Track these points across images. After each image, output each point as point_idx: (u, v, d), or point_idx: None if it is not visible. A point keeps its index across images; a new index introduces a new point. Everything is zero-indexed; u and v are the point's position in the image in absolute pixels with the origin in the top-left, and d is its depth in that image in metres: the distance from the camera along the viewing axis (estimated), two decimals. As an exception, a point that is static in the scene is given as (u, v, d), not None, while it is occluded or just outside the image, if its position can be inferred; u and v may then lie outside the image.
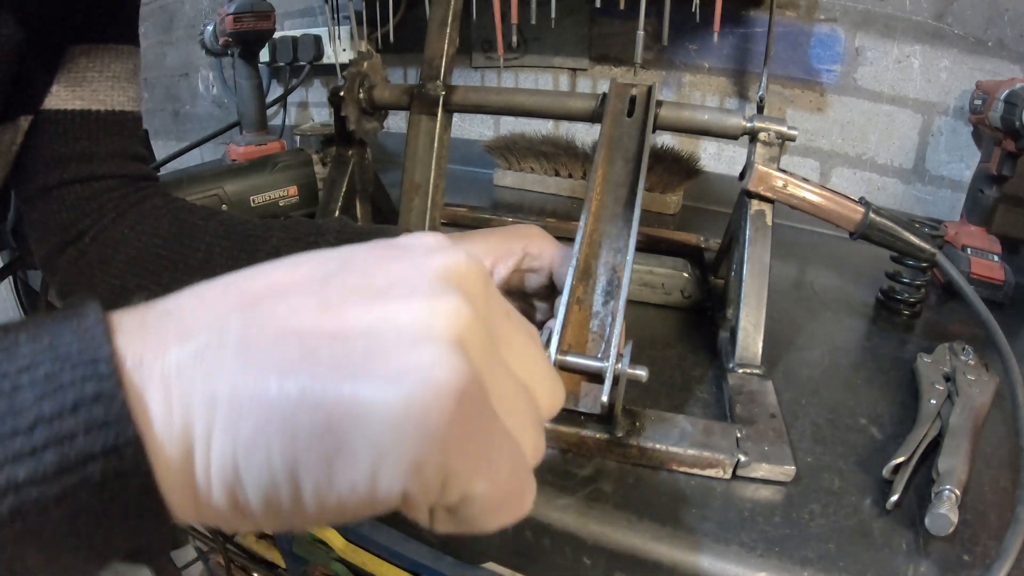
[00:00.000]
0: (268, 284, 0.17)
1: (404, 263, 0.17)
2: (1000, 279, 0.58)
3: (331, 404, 0.14)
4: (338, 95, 0.56)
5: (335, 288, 0.16)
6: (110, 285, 0.44)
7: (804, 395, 0.43)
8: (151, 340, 0.15)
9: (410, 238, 0.20)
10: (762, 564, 0.30)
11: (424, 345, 0.15)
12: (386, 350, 0.15)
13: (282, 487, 0.15)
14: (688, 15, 0.67)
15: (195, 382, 0.15)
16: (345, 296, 0.16)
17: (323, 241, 0.44)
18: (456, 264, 0.17)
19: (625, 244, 0.39)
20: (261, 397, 0.14)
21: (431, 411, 0.14)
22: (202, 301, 0.17)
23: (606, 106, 0.47)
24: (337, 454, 0.14)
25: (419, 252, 0.18)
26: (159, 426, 0.15)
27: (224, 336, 0.15)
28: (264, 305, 0.16)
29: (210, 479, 0.15)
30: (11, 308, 1.49)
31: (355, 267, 0.17)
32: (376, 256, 0.18)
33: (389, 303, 0.16)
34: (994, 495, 0.34)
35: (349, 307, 0.16)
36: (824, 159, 0.83)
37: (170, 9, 1.31)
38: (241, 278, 0.17)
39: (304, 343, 0.15)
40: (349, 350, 0.15)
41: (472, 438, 0.15)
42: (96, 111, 0.43)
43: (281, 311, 0.16)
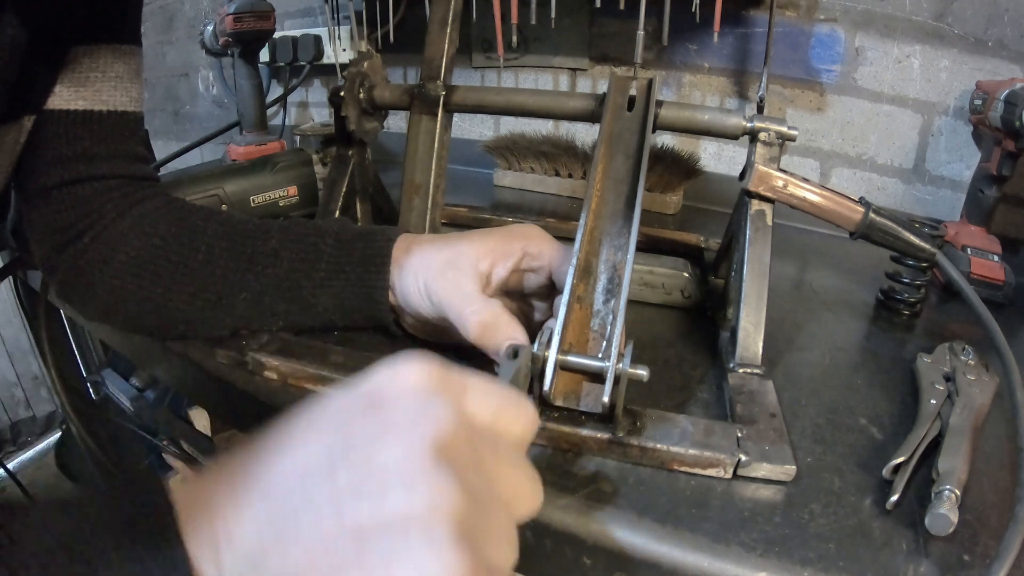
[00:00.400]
0: (287, 483, 0.20)
1: (398, 442, 0.20)
2: (1000, 279, 0.58)
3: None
4: (338, 95, 0.56)
5: (344, 485, 0.19)
6: (110, 285, 0.44)
7: (804, 395, 0.43)
8: (207, 548, 0.20)
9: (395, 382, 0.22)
10: (762, 564, 0.30)
11: (433, 550, 0.18)
12: (401, 557, 0.18)
13: None
14: (688, 15, 0.67)
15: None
16: (355, 496, 0.19)
17: (322, 242, 0.44)
18: (442, 433, 0.20)
19: (626, 242, 0.39)
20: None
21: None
22: (235, 502, 0.20)
23: (606, 100, 0.47)
24: None
25: (409, 417, 0.21)
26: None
27: (265, 554, 0.19)
28: (290, 518, 0.20)
29: None
30: (11, 308, 1.49)
31: (356, 449, 0.20)
32: (371, 431, 0.21)
33: (395, 502, 0.19)
34: (994, 495, 0.34)
35: (362, 511, 0.19)
36: (824, 159, 0.83)
37: (170, 9, 1.31)
38: (259, 469, 0.21)
39: (332, 556, 0.19)
40: (371, 561, 0.18)
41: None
42: (98, 111, 0.43)
43: (306, 523, 0.19)
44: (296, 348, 0.43)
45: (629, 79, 0.48)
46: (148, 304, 0.44)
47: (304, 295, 0.44)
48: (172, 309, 0.44)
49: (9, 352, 1.70)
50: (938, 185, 0.78)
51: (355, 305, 0.44)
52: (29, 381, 1.76)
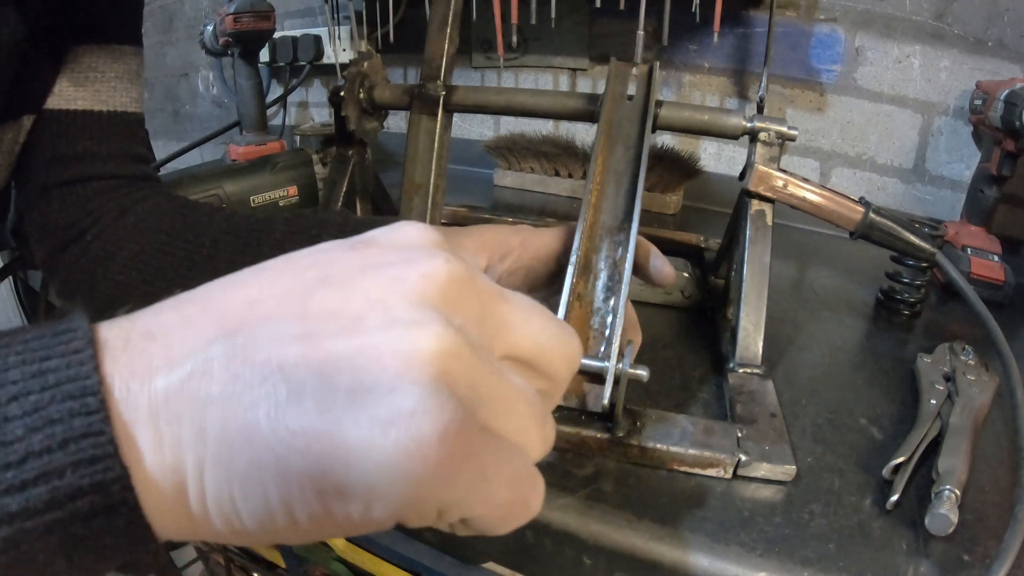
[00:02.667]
0: (248, 301, 0.17)
1: (383, 276, 0.17)
2: (1000, 279, 0.58)
3: (320, 449, 0.15)
4: (338, 95, 0.56)
5: (316, 309, 0.16)
6: (113, 282, 0.44)
7: (804, 395, 0.43)
8: (137, 365, 0.16)
9: (391, 233, 0.19)
10: (762, 564, 0.30)
11: (405, 389, 0.15)
12: (369, 392, 0.15)
13: (278, 516, 0.15)
14: (688, 15, 0.67)
15: (183, 414, 0.15)
16: (325, 322, 0.16)
17: (326, 234, 0.44)
18: (435, 274, 0.17)
19: (626, 237, 0.39)
20: (251, 436, 0.15)
21: (416, 457, 0.15)
22: (184, 321, 0.17)
23: (605, 88, 0.47)
24: (330, 493, 0.15)
25: (399, 257, 0.18)
26: (149, 461, 0.15)
27: (208, 364, 0.15)
28: (246, 331, 0.16)
29: (206, 508, 0.16)
30: (11, 308, 1.48)
31: (335, 280, 0.17)
32: (356, 263, 0.18)
33: (368, 334, 0.16)
34: (994, 495, 0.34)
35: (330, 338, 0.16)
36: (824, 159, 0.83)
37: (170, 9, 1.31)
38: (219, 291, 0.17)
39: (289, 379, 0.15)
40: (334, 390, 0.15)
41: (462, 472, 0.15)
42: (99, 111, 0.43)
43: (263, 337, 0.16)
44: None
45: (629, 66, 0.47)
46: (151, 300, 0.43)
47: None
48: None
49: (9, 352, 1.70)
50: (938, 185, 0.78)
51: None
52: (29, 381, 1.76)
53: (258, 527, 0.16)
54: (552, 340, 0.20)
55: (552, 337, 0.20)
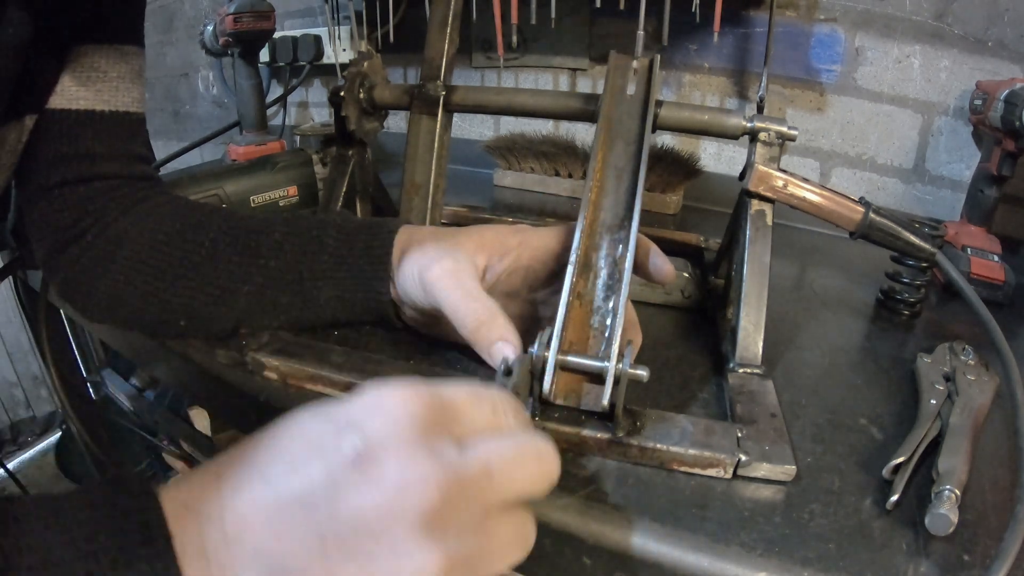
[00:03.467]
0: (281, 559, 0.21)
1: (381, 503, 0.21)
2: (1000, 279, 0.58)
3: None
4: (338, 95, 0.56)
5: (333, 553, 0.21)
6: (112, 281, 0.44)
7: (804, 395, 0.43)
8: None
9: (376, 421, 0.23)
10: (762, 564, 0.30)
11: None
12: None
13: None
14: (688, 15, 0.67)
15: None
16: (344, 566, 0.21)
17: (325, 235, 0.44)
18: (429, 503, 0.21)
19: (627, 235, 0.39)
20: None
21: None
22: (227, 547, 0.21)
23: (605, 84, 0.46)
24: None
25: (395, 487, 0.21)
26: None
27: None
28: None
29: None
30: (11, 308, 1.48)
31: (344, 512, 0.21)
32: (358, 495, 0.21)
33: (382, 567, 0.21)
34: (994, 495, 0.34)
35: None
36: (824, 159, 0.83)
37: (170, 9, 1.31)
38: (256, 530, 0.22)
39: None
40: None
41: None
42: (100, 111, 0.43)
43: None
44: (296, 348, 0.43)
45: (629, 59, 0.47)
46: (151, 299, 0.44)
47: (307, 287, 0.44)
48: (175, 304, 0.44)
49: (9, 352, 1.70)
50: (938, 185, 0.78)
51: (357, 297, 0.44)
52: (29, 381, 1.76)
53: None
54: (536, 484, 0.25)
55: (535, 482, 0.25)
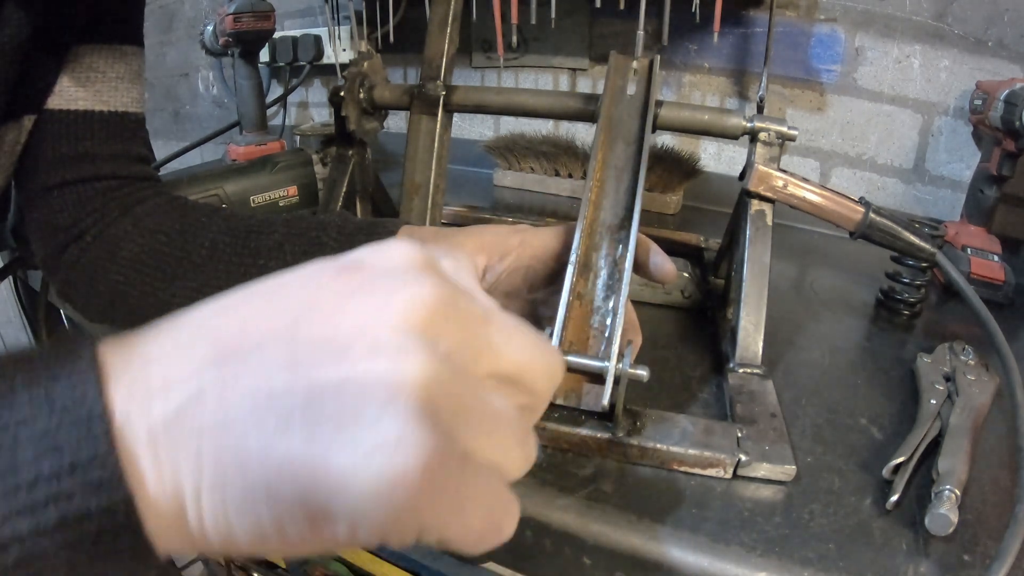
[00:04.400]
0: (239, 326, 0.18)
1: (369, 303, 0.18)
2: (1000, 279, 0.58)
3: (308, 476, 0.16)
4: (338, 95, 0.56)
5: (303, 338, 0.17)
6: (112, 282, 0.44)
7: (804, 395, 0.43)
8: (137, 390, 0.16)
9: (380, 253, 0.20)
10: (762, 564, 0.30)
11: (389, 418, 0.16)
12: (354, 420, 0.16)
13: (271, 537, 0.17)
14: (688, 15, 0.67)
15: (180, 442, 0.16)
16: (312, 352, 0.17)
17: (325, 235, 0.44)
18: (420, 300, 0.18)
19: (627, 235, 0.39)
20: (244, 464, 0.16)
21: (398, 486, 0.15)
22: (179, 346, 0.18)
23: (605, 83, 0.46)
24: (318, 516, 0.16)
25: (386, 283, 0.18)
26: (151, 485, 0.16)
27: (203, 393, 0.16)
28: (237, 358, 0.17)
29: (204, 529, 0.16)
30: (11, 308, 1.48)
31: (324, 307, 0.18)
32: (343, 291, 0.18)
33: (355, 363, 0.16)
34: (994, 495, 0.34)
35: (317, 367, 0.16)
36: (824, 159, 0.83)
37: (170, 9, 1.31)
38: (212, 315, 0.18)
39: (277, 409, 0.16)
40: (320, 419, 0.16)
41: (440, 498, 0.16)
42: (100, 112, 0.43)
43: (253, 365, 0.17)
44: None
45: (629, 59, 0.47)
46: (150, 300, 0.44)
47: None
48: (174, 304, 0.43)
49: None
50: (938, 185, 0.78)
51: None
52: (29, 381, 1.76)
53: (253, 546, 0.17)
54: (535, 358, 0.20)
55: (535, 355, 0.20)
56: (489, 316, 0.20)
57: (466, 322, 0.19)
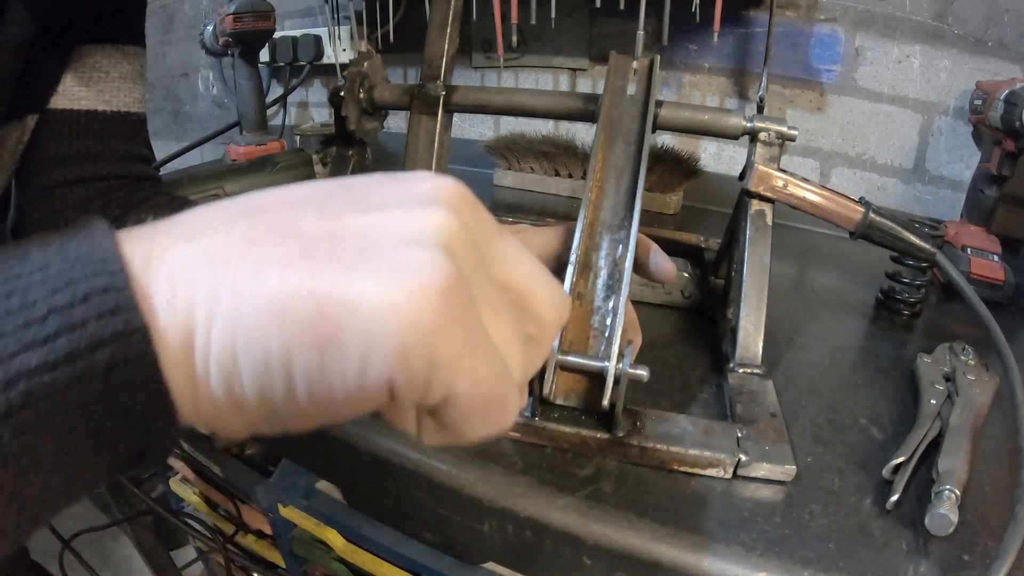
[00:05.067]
0: (274, 198, 0.18)
1: (398, 185, 0.18)
2: (1000, 279, 0.58)
3: (326, 295, 0.15)
4: (338, 95, 0.56)
5: (334, 201, 0.18)
6: None
7: (804, 395, 0.43)
8: (159, 242, 0.16)
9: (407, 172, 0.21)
10: (762, 564, 0.30)
11: (414, 246, 0.16)
12: (379, 249, 0.16)
13: (276, 374, 0.16)
14: (688, 15, 0.67)
15: (199, 275, 0.16)
16: (343, 206, 0.17)
17: None
18: (446, 186, 0.18)
19: (627, 235, 0.39)
20: (261, 287, 0.15)
21: (418, 303, 0.15)
22: (210, 211, 0.18)
23: (605, 83, 0.46)
24: (329, 342, 0.15)
25: (413, 178, 0.19)
26: (163, 314, 0.15)
27: (230, 236, 0.16)
28: (269, 212, 0.17)
29: (209, 366, 0.16)
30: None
31: (353, 187, 0.18)
32: (374, 180, 0.19)
33: (383, 211, 0.17)
34: (994, 495, 0.34)
35: (346, 214, 0.17)
36: (824, 159, 0.83)
37: (170, 9, 1.31)
38: (246, 196, 0.18)
39: (303, 242, 0.16)
40: (345, 248, 0.16)
41: (456, 331, 0.16)
42: (102, 111, 0.43)
43: (285, 216, 0.17)
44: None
45: (629, 59, 0.47)
46: None
47: None
48: None
49: (9, 352, 1.70)
50: (938, 185, 0.78)
51: None
52: (29, 381, 1.76)
53: (256, 392, 0.16)
54: (543, 284, 0.21)
55: (543, 281, 0.21)
56: (506, 232, 0.20)
57: (485, 224, 0.19)
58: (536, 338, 0.21)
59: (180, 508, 0.95)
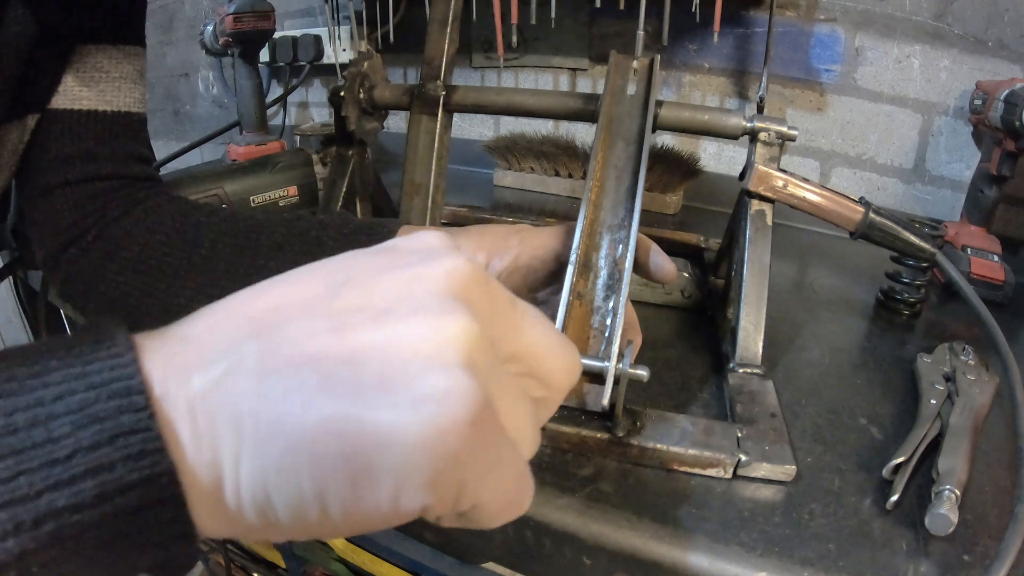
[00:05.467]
0: (274, 306, 0.17)
1: (406, 273, 0.18)
2: (1000, 279, 0.58)
3: (353, 432, 0.15)
4: (338, 95, 0.56)
5: (342, 307, 0.17)
6: (113, 282, 0.44)
7: (804, 395, 0.43)
8: (174, 366, 0.16)
9: (409, 240, 0.20)
10: (762, 564, 0.30)
11: (437, 371, 0.16)
12: (400, 375, 0.16)
13: (311, 506, 0.16)
14: (688, 15, 0.67)
15: (220, 409, 0.16)
16: (353, 316, 0.17)
17: (325, 236, 0.44)
18: (456, 271, 0.18)
19: (627, 235, 0.39)
20: (285, 424, 0.15)
21: (448, 435, 0.15)
22: (214, 327, 0.17)
23: (606, 83, 0.46)
24: (362, 477, 0.15)
25: (419, 258, 0.18)
26: (190, 455, 0.15)
27: (242, 362, 0.16)
28: (276, 329, 0.17)
29: (240, 501, 0.16)
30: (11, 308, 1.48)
31: (358, 280, 0.18)
32: (378, 266, 0.18)
33: (397, 323, 0.16)
34: (994, 495, 0.34)
35: (359, 329, 0.16)
36: (824, 159, 0.83)
37: (170, 9, 1.31)
38: (246, 299, 0.18)
39: (320, 369, 0.16)
40: (364, 376, 0.16)
41: (483, 453, 0.16)
42: (102, 111, 0.43)
43: (293, 334, 0.16)
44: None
45: (630, 59, 0.47)
46: (151, 300, 0.44)
47: None
48: (175, 305, 0.44)
49: (9, 352, 1.70)
50: (938, 185, 0.78)
51: None
52: (29, 381, 1.76)
53: (291, 519, 0.16)
54: (555, 350, 0.20)
55: (555, 347, 0.20)
56: (515, 300, 0.20)
57: (495, 300, 0.19)
58: (545, 400, 0.21)
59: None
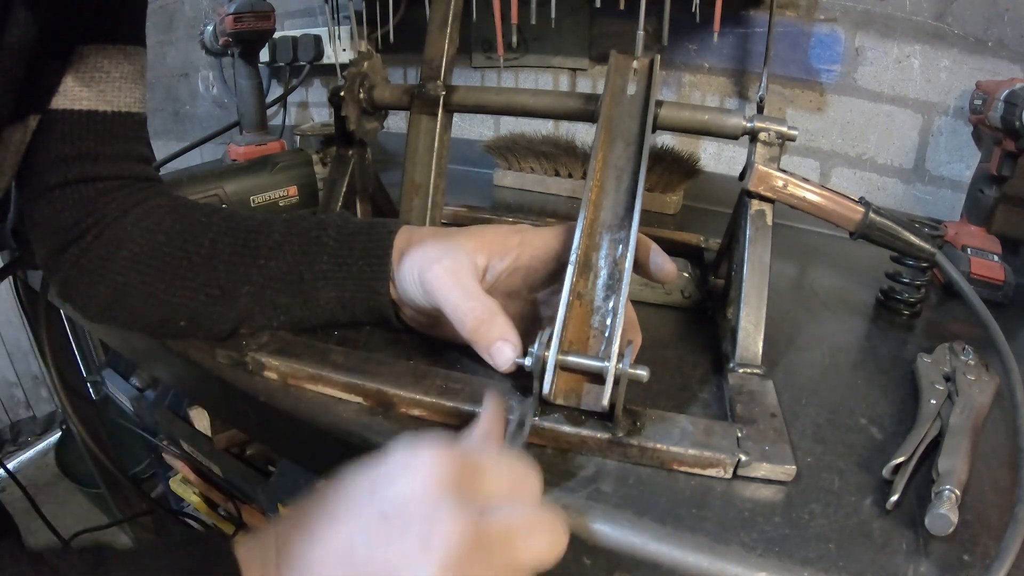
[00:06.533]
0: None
1: (407, 550, 0.24)
2: (1000, 279, 0.58)
3: None
4: (338, 95, 0.56)
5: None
6: (113, 282, 0.44)
7: (804, 395, 0.43)
8: None
9: (405, 484, 0.26)
10: (762, 564, 0.30)
11: None
12: None
13: None
14: (688, 15, 0.67)
15: None
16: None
17: (325, 235, 0.44)
18: (451, 535, 0.24)
19: (627, 235, 0.39)
20: None
21: None
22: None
23: (606, 83, 0.46)
24: None
25: (417, 528, 0.25)
26: None
27: None
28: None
29: None
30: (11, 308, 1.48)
31: (375, 561, 0.25)
32: (382, 541, 0.25)
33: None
34: (994, 495, 0.34)
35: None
36: (824, 159, 0.83)
37: (170, 9, 1.31)
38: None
39: None
40: None
41: None
42: (103, 112, 0.43)
43: None
44: (296, 348, 0.43)
45: (630, 59, 0.47)
46: (151, 300, 0.44)
47: (306, 288, 0.44)
48: (175, 304, 0.44)
49: (9, 352, 1.70)
50: (938, 185, 0.78)
51: (357, 297, 0.44)
52: (29, 381, 1.76)
53: None
54: (547, 554, 0.26)
55: (547, 552, 0.26)
56: (509, 530, 0.26)
57: (490, 545, 0.25)
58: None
59: (180, 508, 0.95)
